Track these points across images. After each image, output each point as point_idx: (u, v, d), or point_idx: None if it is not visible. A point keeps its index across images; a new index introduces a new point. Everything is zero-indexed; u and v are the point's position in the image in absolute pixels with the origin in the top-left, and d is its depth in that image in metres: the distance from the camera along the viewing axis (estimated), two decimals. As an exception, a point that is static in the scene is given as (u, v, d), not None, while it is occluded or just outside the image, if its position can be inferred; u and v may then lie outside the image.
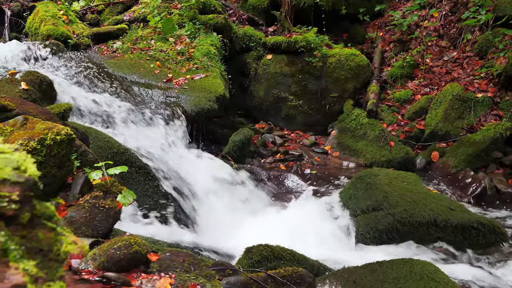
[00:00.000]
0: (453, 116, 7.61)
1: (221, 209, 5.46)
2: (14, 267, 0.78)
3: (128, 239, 2.61)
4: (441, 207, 4.88)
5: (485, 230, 4.77)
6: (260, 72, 8.81)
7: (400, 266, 3.40)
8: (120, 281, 2.37)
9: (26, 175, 0.86)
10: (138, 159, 4.86)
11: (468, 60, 8.57)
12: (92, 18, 9.52)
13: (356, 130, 7.98)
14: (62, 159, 2.87)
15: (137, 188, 4.64)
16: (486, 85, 7.95)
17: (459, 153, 7.06)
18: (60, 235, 0.93)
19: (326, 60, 8.60)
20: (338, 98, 8.62)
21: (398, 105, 8.36)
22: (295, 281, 2.81)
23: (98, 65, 7.03)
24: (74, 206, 2.97)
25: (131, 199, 3.05)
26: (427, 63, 8.79)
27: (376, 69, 8.85)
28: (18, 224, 0.84)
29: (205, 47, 7.90)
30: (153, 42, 8.23)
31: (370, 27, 9.96)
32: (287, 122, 8.72)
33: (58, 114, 4.32)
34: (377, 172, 5.62)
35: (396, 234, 4.80)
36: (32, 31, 8.46)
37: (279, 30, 9.54)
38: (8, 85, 5.04)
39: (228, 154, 6.67)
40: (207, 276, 2.67)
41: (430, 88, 8.39)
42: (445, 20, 9.37)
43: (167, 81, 7.10)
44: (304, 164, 7.31)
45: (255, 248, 3.53)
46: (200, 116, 6.54)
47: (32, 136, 2.74)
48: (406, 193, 5.08)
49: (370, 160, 7.46)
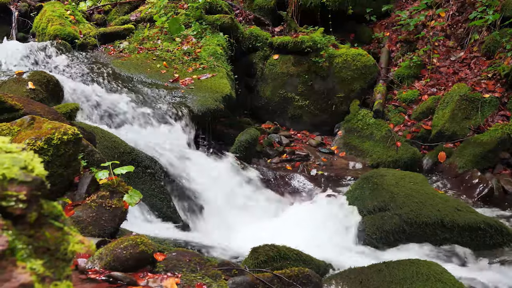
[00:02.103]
0: (460, 116, 7.58)
1: (228, 209, 5.46)
2: (21, 266, 0.78)
3: (135, 238, 2.61)
4: (448, 208, 4.87)
5: (492, 231, 4.75)
6: (267, 72, 8.80)
7: (407, 267, 3.39)
8: (127, 280, 2.37)
9: (33, 175, 0.86)
10: (145, 158, 4.87)
11: (475, 60, 8.53)
12: (99, 18, 9.55)
13: (362, 131, 7.96)
14: (69, 158, 2.88)
15: (143, 188, 4.64)
16: (493, 86, 7.91)
17: (466, 154, 7.03)
18: (67, 235, 0.93)
19: (332, 60, 8.58)
20: (345, 98, 8.60)
21: (405, 106, 8.33)
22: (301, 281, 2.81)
23: (104, 65, 7.05)
24: (81, 206, 2.98)
25: (138, 198, 3.06)
26: (434, 63, 8.76)
27: (382, 69, 8.83)
28: (25, 224, 0.84)
29: (212, 47, 7.91)
30: (159, 42, 8.25)
31: (377, 27, 9.93)
32: (294, 122, 8.71)
33: (65, 113, 4.34)
34: (383, 173, 5.60)
35: (403, 235, 4.79)
36: (39, 31, 8.49)
37: (285, 30, 9.53)
38: (15, 85, 5.06)
39: (235, 154, 6.67)
40: (213, 276, 2.67)
41: (437, 89, 8.36)
42: (452, 20, 9.33)
43: (173, 81, 7.11)
44: (311, 165, 7.30)
45: (261, 248, 3.53)
46: (206, 116, 6.54)
47: (39, 135, 2.75)
48: (413, 193, 5.07)
49: (377, 160, 7.44)
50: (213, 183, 5.63)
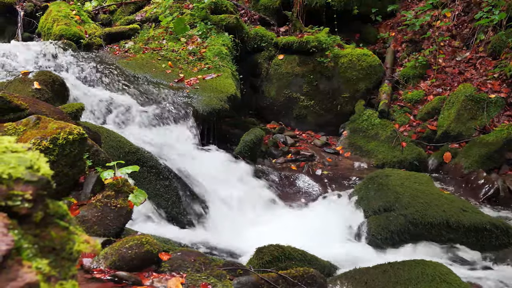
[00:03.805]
0: (466, 116, 7.56)
1: (232, 209, 5.46)
2: (27, 266, 0.78)
3: (140, 238, 2.61)
4: (453, 208, 4.85)
5: (498, 232, 4.73)
6: (272, 72, 8.80)
7: (412, 267, 3.39)
8: (132, 280, 2.38)
9: (39, 174, 0.86)
10: (150, 158, 4.88)
11: (481, 61, 8.50)
12: (104, 18, 9.57)
13: (367, 131, 7.95)
14: (74, 158, 2.88)
15: (148, 188, 4.65)
16: (499, 86, 7.89)
17: (472, 154, 7.00)
18: (72, 234, 0.93)
19: (338, 60, 8.57)
20: (350, 99, 8.59)
21: (410, 106, 8.32)
22: (306, 282, 2.81)
23: (110, 65, 7.06)
24: (86, 205, 2.98)
25: (143, 198, 3.06)
26: (440, 63, 8.73)
27: (388, 69, 8.81)
28: (31, 223, 0.84)
29: (217, 47, 7.91)
30: (164, 42, 8.26)
31: (382, 27, 9.91)
32: (299, 122, 8.70)
33: (71, 113, 4.34)
34: (389, 173, 5.59)
35: (408, 235, 4.78)
36: (45, 31, 8.52)
37: (290, 30, 9.52)
38: (21, 85, 5.07)
39: (240, 154, 6.67)
40: (218, 276, 2.67)
41: (443, 89, 8.34)
42: (458, 20, 9.30)
43: (178, 81, 7.12)
44: (316, 165, 7.29)
45: (266, 248, 3.53)
46: (211, 115, 6.54)
47: (44, 135, 2.76)
48: (418, 194, 5.05)
49: (382, 160, 7.43)
50: (219, 183, 5.63)
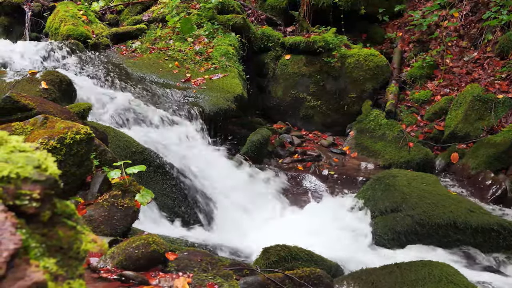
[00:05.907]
0: (473, 117, 7.52)
1: (239, 209, 5.46)
2: (34, 265, 0.78)
3: (146, 238, 2.62)
4: (460, 209, 4.83)
5: (506, 233, 4.71)
6: (278, 72, 8.80)
7: (419, 268, 3.38)
8: (138, 279, 2.38)
9: (47, 174, 0.86)
10: (156, 158, 4.89)
11: (489, 61, 8.46)
12: (111, 18, 9.59)
13: (374, 131, 7.93)
14: (81, 158, 2.89)
15: (155, 188, 4.66)
16: (507, 86, 7.85)
17: (479, 155, 6.97)
18: (80, 234, 0.93)
19: (344, 61, 8.55)
20: (357, 99, 8.58)
21: (417, 106, 8.29)
22: (312, 282, 2.80)
23: (117, 64, 7.08)
24: (93, 205, 2.99)
25: (149, 198, 3.07)
26: (447, 63, 8.70)
27: (395, 69, 8.79)
28: (38, 222, 0.85)
29: (224, 47, 7.91)
30: (171, 42, 8.27)
31: (389, 27, 9.89)
32: (305, 123, 8.69)
33: (78, 113, 4.35)
34: (395, 173, 5.58)
35: (415, 236, 4.77)
36: (52, 31, 8.54)
37: (297, 30, 9.51)
38: (28, 85, 5.09)
39: (246, 154, 6.67)
40: (225, 276, 2.67)
41: (450, 89, 8.30)
42: (465, 20, 9.26)
43: (185, 81, 7.13)
44: (322, 165, 7.28)
45: (272, 248, 3.53)
46: (218, 115, 6.55)
47: (52, 135, 2.77)
48: (425, 194, 5.04)
49: (389, 161, 7.40)
50: (226, 182, 5.63)
